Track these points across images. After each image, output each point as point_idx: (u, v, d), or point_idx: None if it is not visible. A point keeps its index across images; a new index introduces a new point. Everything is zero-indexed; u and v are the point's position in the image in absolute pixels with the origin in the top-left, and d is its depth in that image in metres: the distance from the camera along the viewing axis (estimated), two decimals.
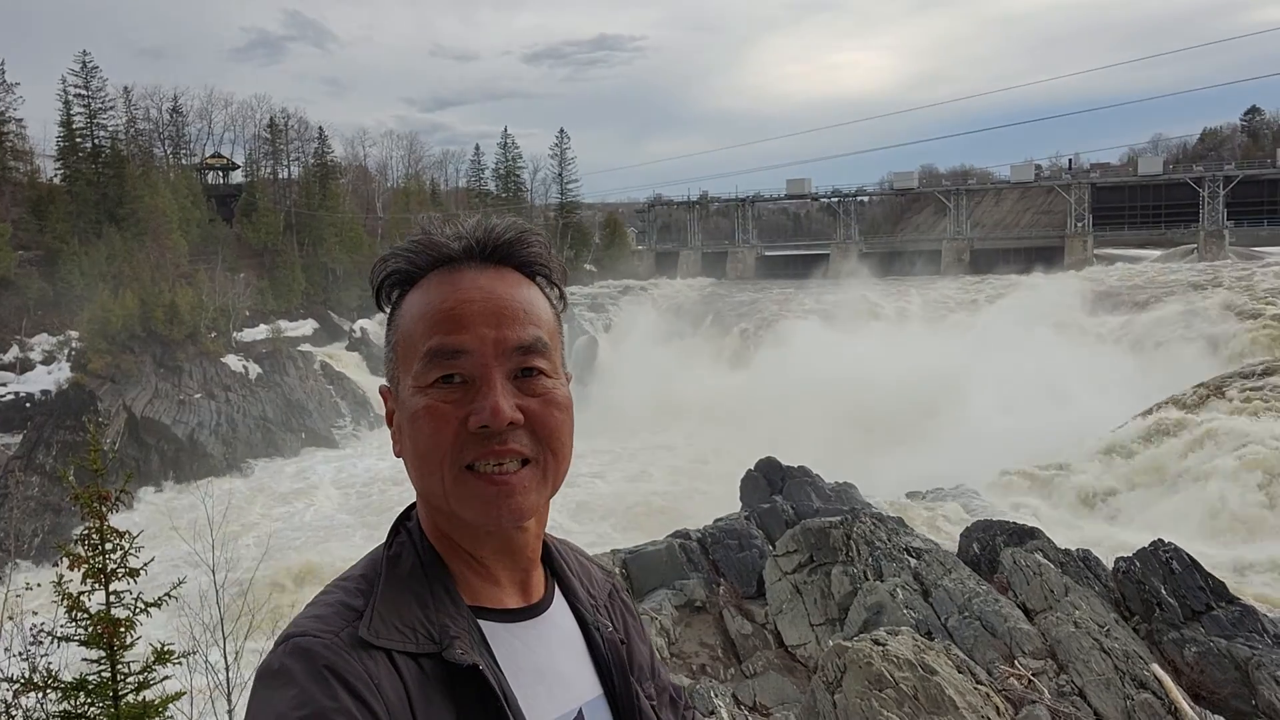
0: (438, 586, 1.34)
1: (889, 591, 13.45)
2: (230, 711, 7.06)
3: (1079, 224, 77.51)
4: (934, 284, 63.04)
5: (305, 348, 59.14)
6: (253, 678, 1.28)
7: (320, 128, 75.85)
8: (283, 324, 60.22)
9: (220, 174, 78.86)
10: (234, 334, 56.29)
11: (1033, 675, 10.20)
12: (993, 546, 15.26)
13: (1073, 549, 14.88)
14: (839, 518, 16.36)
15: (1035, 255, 73.90)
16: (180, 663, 6.32)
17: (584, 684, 1.42)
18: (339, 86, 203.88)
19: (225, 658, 7.22)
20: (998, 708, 8.94)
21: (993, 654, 11.21)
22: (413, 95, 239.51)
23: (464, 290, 1.35)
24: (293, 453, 48.94)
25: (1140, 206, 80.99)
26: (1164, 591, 13.39)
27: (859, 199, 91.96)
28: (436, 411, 1.31)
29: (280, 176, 75.15)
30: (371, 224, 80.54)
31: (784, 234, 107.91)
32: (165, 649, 6.36)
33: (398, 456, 1.40)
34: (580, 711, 1.39)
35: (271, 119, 75.11)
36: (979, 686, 9.33)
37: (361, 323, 65.63)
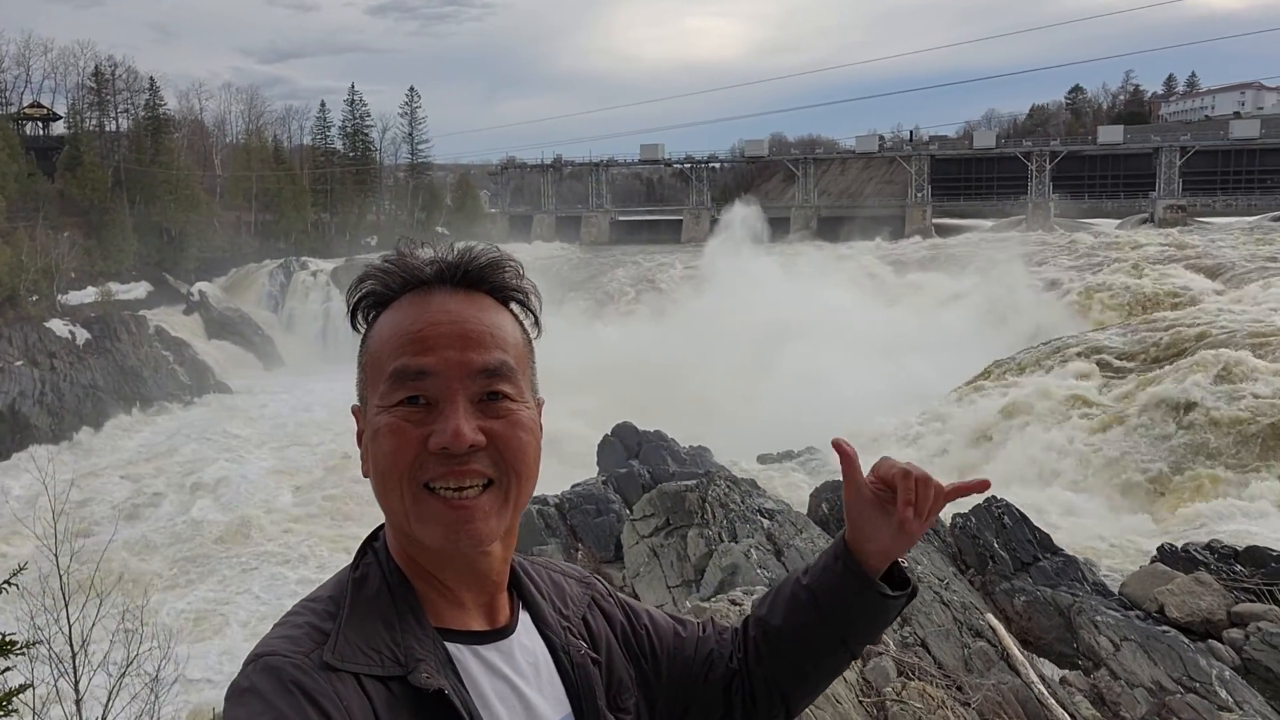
0: (404, 608, 1.34)
1: (743, 552, 13.84)
2: (79, 701, 6.74)
3: (919, 194, 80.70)
4: (785, 249, 64.48)
5: (140, 312, 56.08)
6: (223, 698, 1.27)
7: (151, 78, 71.55)
8: (113, 286, 56.88)
9: (40, 125, 73.54)
10: (59, 297, 52.88)
11: None
12: (841, 506, 15.88)
13: None
14: (694, 481, 16.70)
15: (879, 223, 76.62)
16: (23, 653, 5.99)
17: (549, 706, 1.41)
18: (167, 33, 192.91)
19: (71, 645, 6.87)
20: None
21: None
22: (249, 45, 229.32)
23: (432, 313, 1.36)
24: (126, 424, 46.43)
25: (975, 178, 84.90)
26: (996, 545, 14.28)
27: (711, 165, 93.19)
28: (398, 430, 1.31)
29: (108, 129, 70.64)
30: (210, 182, 76.71)
31: (638, 199, 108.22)
32: (6, 640, 6.02)
33: (365, 476, 1.39)
34: None
35: (97, 67, 70.41)
36: None
37: (200, 285, 62.65)
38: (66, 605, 7.03)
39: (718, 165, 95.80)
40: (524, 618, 1.48)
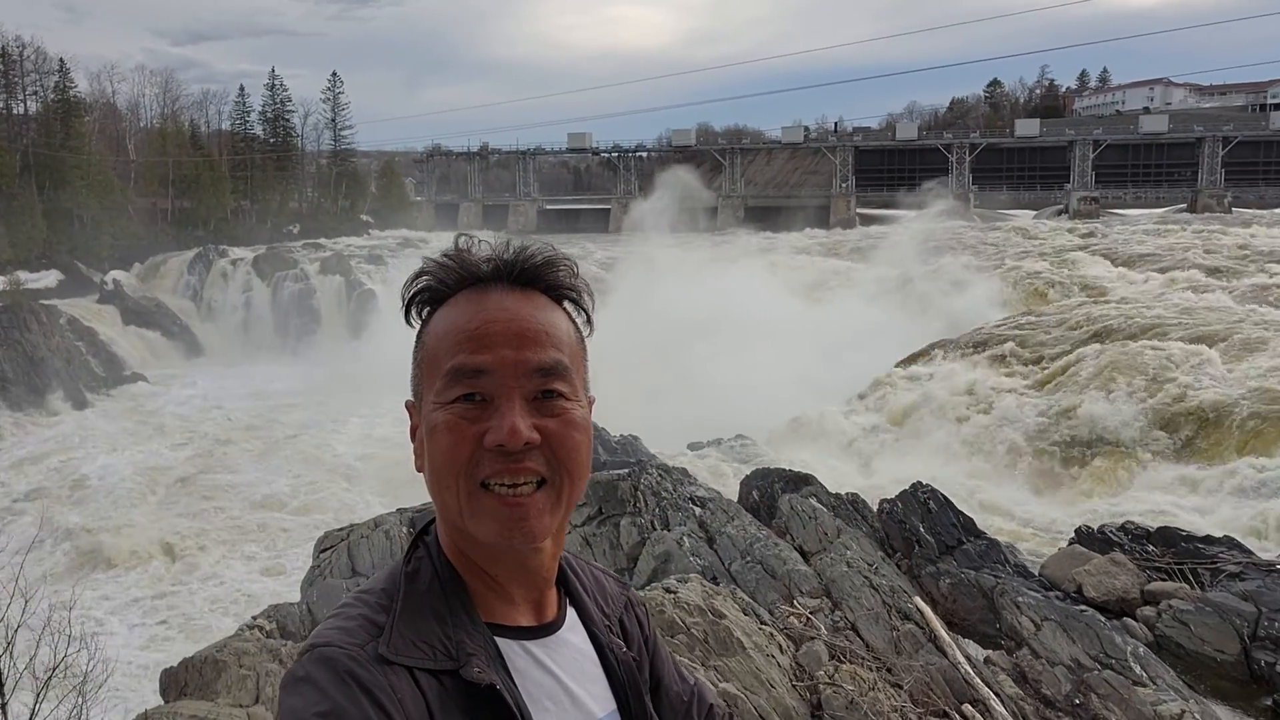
0: (455, 603, 1.37)
1: (676, 540, 13.94)
2: (4, 705, 6.47)
3: (844, 184, 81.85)
4: (714, 238, 64.81)
5: (50, 301, 54.17)
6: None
7: (61, 59, 68.97)
8: (22, 275, 54.85)
9: None
10: None
11: (810, 613, 10.90)
12: (771, 493, 16.09)
13: (843, 493, 15.89)
14: (626, 470, 16.75)
15: (804, 213, 77.57)
16: None
17: (595, 703, 1.44)
18: (76, 13, 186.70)
19: None
20: (780, 645, 9.52)
21: (774, 595, 11.88)
22: (162, 26, 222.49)
23: (489, 311, 1.38)
24: (36, 417, 44.82)
25: (897, 169, 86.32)
26: (922, 529, 14.58)
27: (638, 154, 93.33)
28: (455, 427, 1.34)
29: (15, 112, 68.03)
30: (123, 168, 74.39)
31: (565, 188, 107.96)
32: None
33: (419, 471, 1.42)
34: None
35: (3, 48, 67.64)
36: (763, 626, 9.89)
37: (115, 274, 60.65)
38: None
39: (645, 154, 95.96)
40: (570, 614, 1.51)
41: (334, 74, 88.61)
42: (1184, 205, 73.69)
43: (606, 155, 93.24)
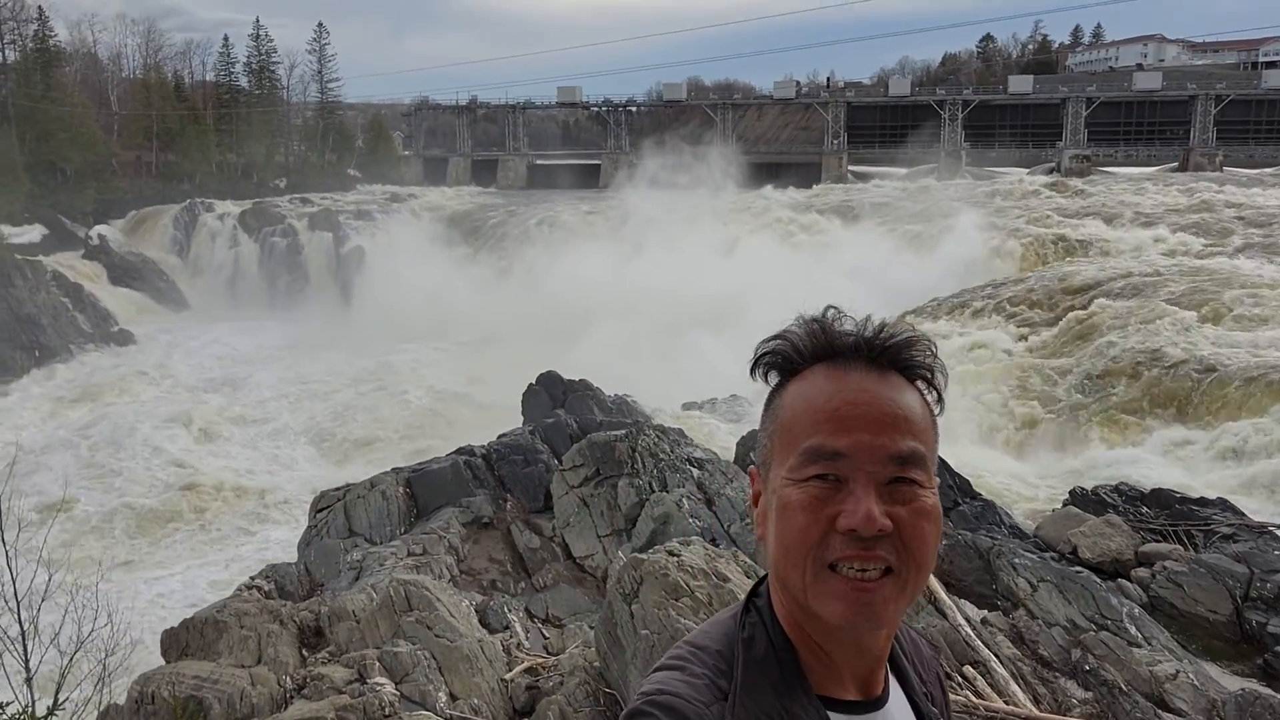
0: (789, 673, 1.40)
1: (675, 502, 13.98)
2: (29, 680, 6.41)
3: (835, 141, 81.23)
4: (707, 197, 64.13)
5: (36, 256, 53.57)
6: None
7: (40, 7, 67.78)
8: (4, 229, 54.20)
9: None
10: None
11: None
12: None
13: None
14: (624, 431, 16.74)
15: (795, 170, 77.08)
16: None
17: None
18: None
19: (19, 622, 6.51)
20: None
21: None
22: None
23: (849, 392, 1.38)
24: (23, 371, 44.56)
25: (889, 126, 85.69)
26: None
27: (629, 109, 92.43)
28: (809, 507, 1.35)
29: None
30: (106, 120, 73.36)
31: (554, 143, 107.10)
32: None
33: (760, 539, 1.44)
34: None
35: None
36: None
37: (100, 229, 59.94)
38: (14, 580, 6.69)
39: (636, 109, 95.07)
40: (894, 686, 1.52)
41: (319, 24, 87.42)
42: (1175, 164, 73.47)
43: (597, 109, 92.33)
